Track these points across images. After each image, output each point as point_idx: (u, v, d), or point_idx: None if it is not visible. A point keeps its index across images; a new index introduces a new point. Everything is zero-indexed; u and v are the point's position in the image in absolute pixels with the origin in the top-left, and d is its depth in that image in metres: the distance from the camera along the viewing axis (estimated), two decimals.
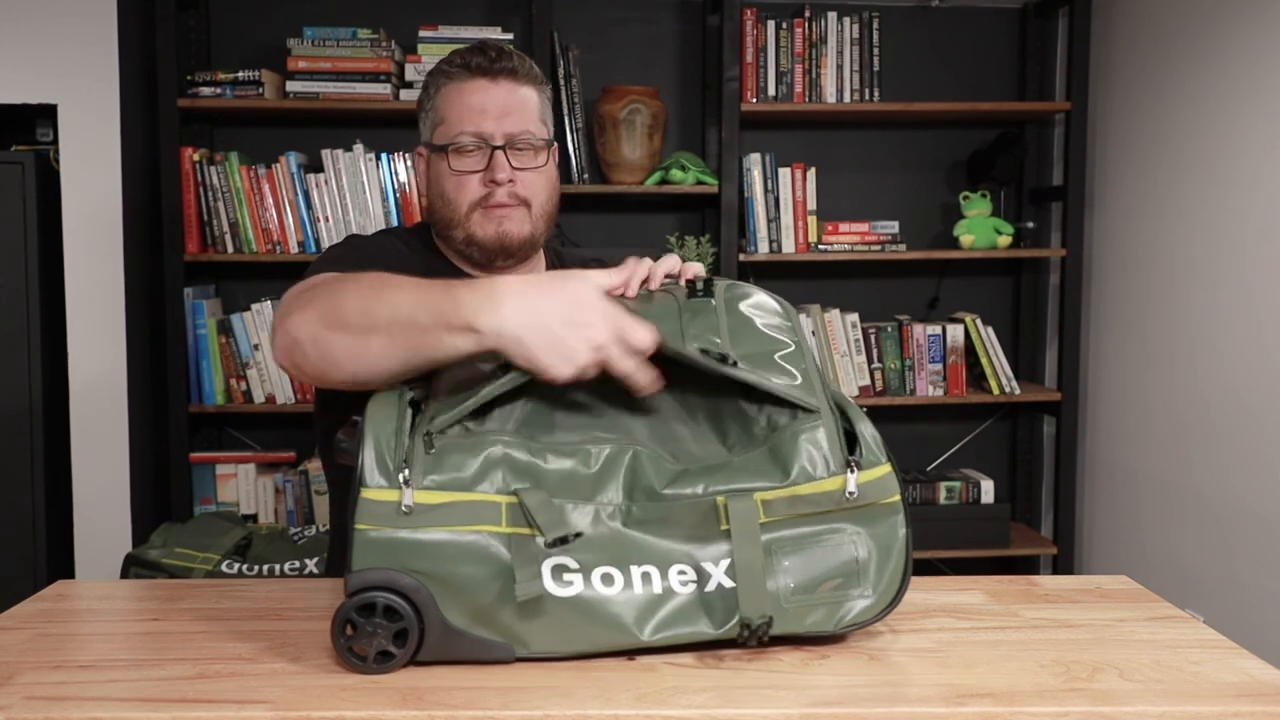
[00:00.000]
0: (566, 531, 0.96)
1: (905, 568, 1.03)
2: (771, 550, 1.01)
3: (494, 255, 1.44)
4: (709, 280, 1.09)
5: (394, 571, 0.96)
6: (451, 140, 1.41)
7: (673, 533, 1.00)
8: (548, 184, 1.46)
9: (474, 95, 1.41)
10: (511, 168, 1.41)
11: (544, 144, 1.44)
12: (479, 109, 1.40)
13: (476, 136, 1.40)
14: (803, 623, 1.01)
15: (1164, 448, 2.86)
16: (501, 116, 1.41)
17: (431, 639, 0.97)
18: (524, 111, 1.42)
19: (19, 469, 2.83)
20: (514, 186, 1.41)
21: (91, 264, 2.87)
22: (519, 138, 1.41)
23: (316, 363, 1.09)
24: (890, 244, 3.15)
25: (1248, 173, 2.53)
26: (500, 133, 1.40)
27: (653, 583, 0.99)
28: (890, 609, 1.03)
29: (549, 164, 1.47)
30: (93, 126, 2.84)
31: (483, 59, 1.41)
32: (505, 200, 1.41)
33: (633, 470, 1.01)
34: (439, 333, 1.01)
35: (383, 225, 2.97)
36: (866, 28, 3.13)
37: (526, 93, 1.44)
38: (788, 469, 1.00)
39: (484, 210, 1.42)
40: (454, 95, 1.42)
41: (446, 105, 1.43)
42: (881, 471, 1.02)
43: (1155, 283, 2.89)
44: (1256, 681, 0.96)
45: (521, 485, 0.98)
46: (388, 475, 0.97)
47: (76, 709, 0.90)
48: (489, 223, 1.42)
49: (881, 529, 1.03)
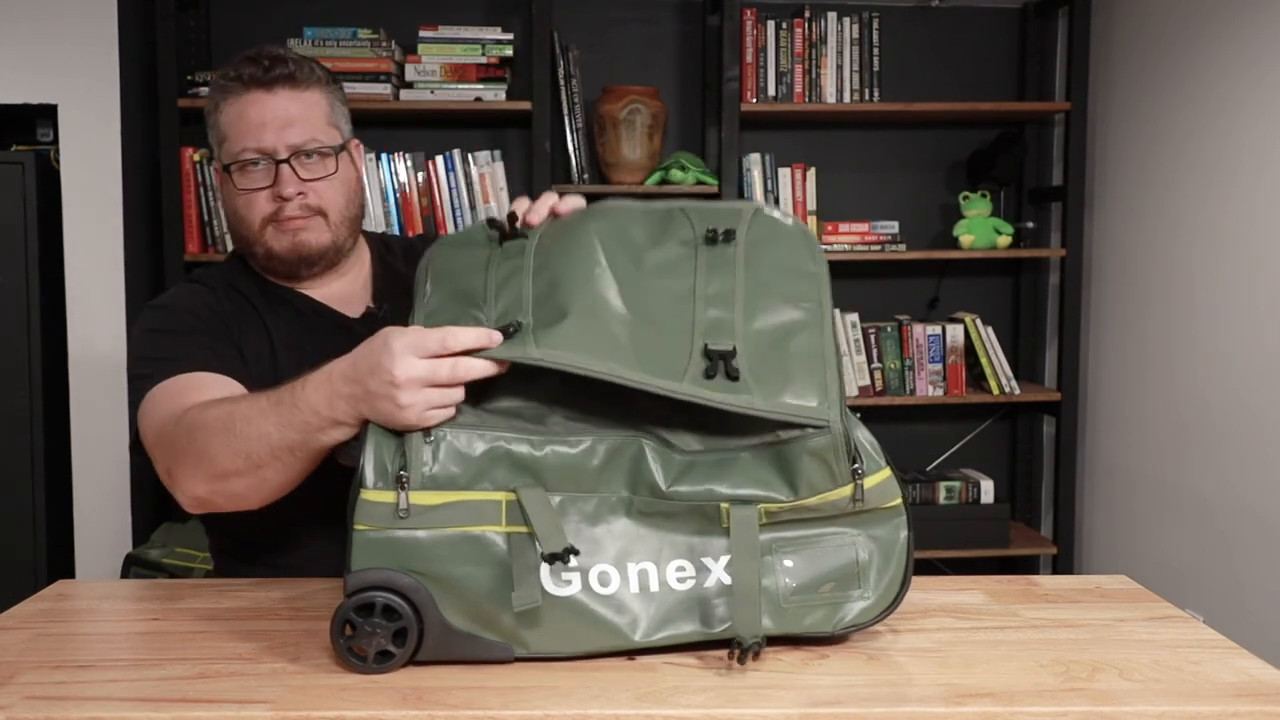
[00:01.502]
0: (561, 546, 0.95)
1: (906, 570, 1.03)
2: (772, 549, 1.00)
3: (294, 267, 1.40)
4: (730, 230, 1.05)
5: (393, 571, 0.96)
6: (234, 159, 1.35)
7: (674, 528, 1.00)
8: (344, 189, 1.40)
9: (251, 108, 1.34)
10: (300, 179, 1.35)
11: (334, 149, 1.38)
12: (258, 123, 1.34)
13: (259, 152, 1.34)
14: (801, 623, 1.00)
15: (1164, 447, 2.86)
16: (283, 128, 1.34)
17: (431, 639, 0.97)
18: (308, 119, 1.36)
19: (19, 469, 2.83)
20: (305, 198, 1.36)
21: (92, 264, 2.87)
22: (303, 147, 1.35)
23: (232, 505, 1.18)
24: (890, 244, 3.15)
25: (1248, 173, 2.53)
26: (283, 145, 1.34)
27: (650, 581, 0.99)
28: (889, 611, 1.03)
29: (344, 168, 1.40)
30: (93, 126, 2.84)
31: (255, 69, 1.34)
32: (297, 213, 1.36)
33: (637, 464, 1.00)
34: (315, 437, 1.06)
35: (383, 225, 2.98)
36: (866, 28, 3.13)
37: (310, 97, 1.37)
38: (794, 484, 0.99)
39: (276, 225, 1.36)
40: (232, 110, 1.36)
41: (227, 122, 1.36)
42: (881, 477, 1.02)
43: (1155, 283, 2.89)
44: (1256, 681, 0.96)
45: (523, 481, 0.98)
46: (385, 477, 0.97)
47: (76, 709, 0.90)
48: (283, 236, 1.37)
49: (882, 531, 1.03)
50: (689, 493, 0.99)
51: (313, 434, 1.06)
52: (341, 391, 1.03)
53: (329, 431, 1.06)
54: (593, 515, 0.99)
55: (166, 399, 1.24)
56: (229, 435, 1.12)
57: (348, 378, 1.02)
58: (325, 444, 1.07)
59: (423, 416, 0.98)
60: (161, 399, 1.25)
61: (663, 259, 1.05)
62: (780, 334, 1.02)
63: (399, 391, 0.97)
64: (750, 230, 1.06)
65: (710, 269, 1.04)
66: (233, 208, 1.39)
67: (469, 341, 0.98)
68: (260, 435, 1.10)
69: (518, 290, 1.03)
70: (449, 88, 2.97)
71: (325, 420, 1.05)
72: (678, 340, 1.00)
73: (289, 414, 1.07)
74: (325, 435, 1.06)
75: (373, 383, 0.99)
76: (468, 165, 3.01)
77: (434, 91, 2.97)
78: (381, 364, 0.99)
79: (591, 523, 0.99)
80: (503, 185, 3.03)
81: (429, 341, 0.98)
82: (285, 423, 1.08)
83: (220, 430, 1.12)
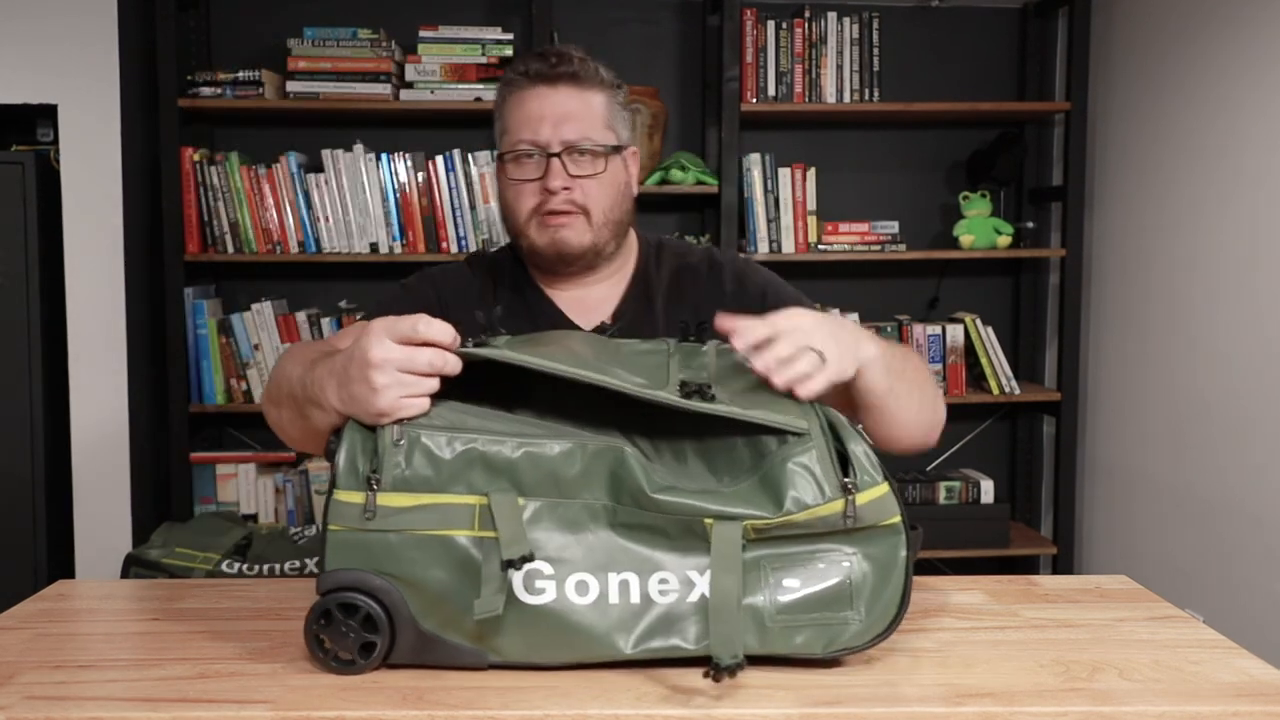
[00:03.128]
0: (522, 552, 0.93)
1: (904, 592, 0.98)
2: (760, 566, 0.97)
3: (553, 264, 1.43)
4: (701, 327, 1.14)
5: (365, 573, 0.96)
6: (510, 149, 1.40)
7: (657, 540, 0.97)
8: (612, 191, 1.43)
9: (532, 102, 1.39)
10: (569, 175, 1.39)
11: (606, 149, 1.41)
12: (536, 116, 1.39)
13: (533, 144, 1.39)
14: (790, 643, 0.96)
15: (1164, 447, 2.86)
16: (559, 123, 1.38)
17: (404, 642, 0.96)
18: (585, 117, 1.40)
19: (19, 469, 2.83)
20: (570, 194, 1.39)
21: (92, 264, 2.87)
22: (577, 144, 1.39)
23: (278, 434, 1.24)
24: (890, 244, 3.15)
25: (1248, 172, 2.53)
26: (557, 139, 1.38)
27: (630, 592, 0.96)
28: (885, 635, 0.98)
29: (614, 170, 1.43)
30: (93, 126, 2.84)
31: (542, 64, 1.40)
32: (561, 208, 1.39)
33: (621, 472, 0.97)
34: (309, 408, 1.08)
35: (382, 225, 2.98)
36: (866, 28, 3.13)
37: (590, 97, 1.41)
38: (780, 499, 0.96)
39: (540, 218, 1.40)
40: (515, 103, 1.41)
41: (509, 114, 1.42)
42: (879, 492, 0.97)
43: (1155, 283, 2.89)
44: (1256, 681, 0.96)
45: (497, 486, 0.96)
46: (357, 477, 0.96)
47: (76, 709, 0.90)
48: (545, 231, 1.40)
49: (879, 550, 0.98)
50: (673, 504, 0.96)
51: (310, 404, 1.08)
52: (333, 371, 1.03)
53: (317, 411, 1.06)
54: (572, 522, 0.97)
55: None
56: (285, 365, 1.20)
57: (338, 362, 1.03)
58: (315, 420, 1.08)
59: (395, 404, 0.97)
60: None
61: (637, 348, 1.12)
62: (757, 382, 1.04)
63: (374, 372, 0.97)
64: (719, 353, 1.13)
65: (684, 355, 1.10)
66: (505, 199, 1.44)
67: (438, 333, 0.99)
68: (288, 377, 1.15)
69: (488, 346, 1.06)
70: (449, 88, 2.97)
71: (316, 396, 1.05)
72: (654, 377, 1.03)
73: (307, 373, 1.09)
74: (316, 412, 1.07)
75: (352, 367, 1.00)
76: (468, 165, 3.01)
77: (434, 91, 2.97)
78: (360, 344, 0.99)
79: (571, 529, 0.97)
80: None
81: (402, 325, 0.99)
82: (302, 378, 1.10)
83: (288, 359, 1.21)
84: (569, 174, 1.39)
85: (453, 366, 0.99)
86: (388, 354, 0.97)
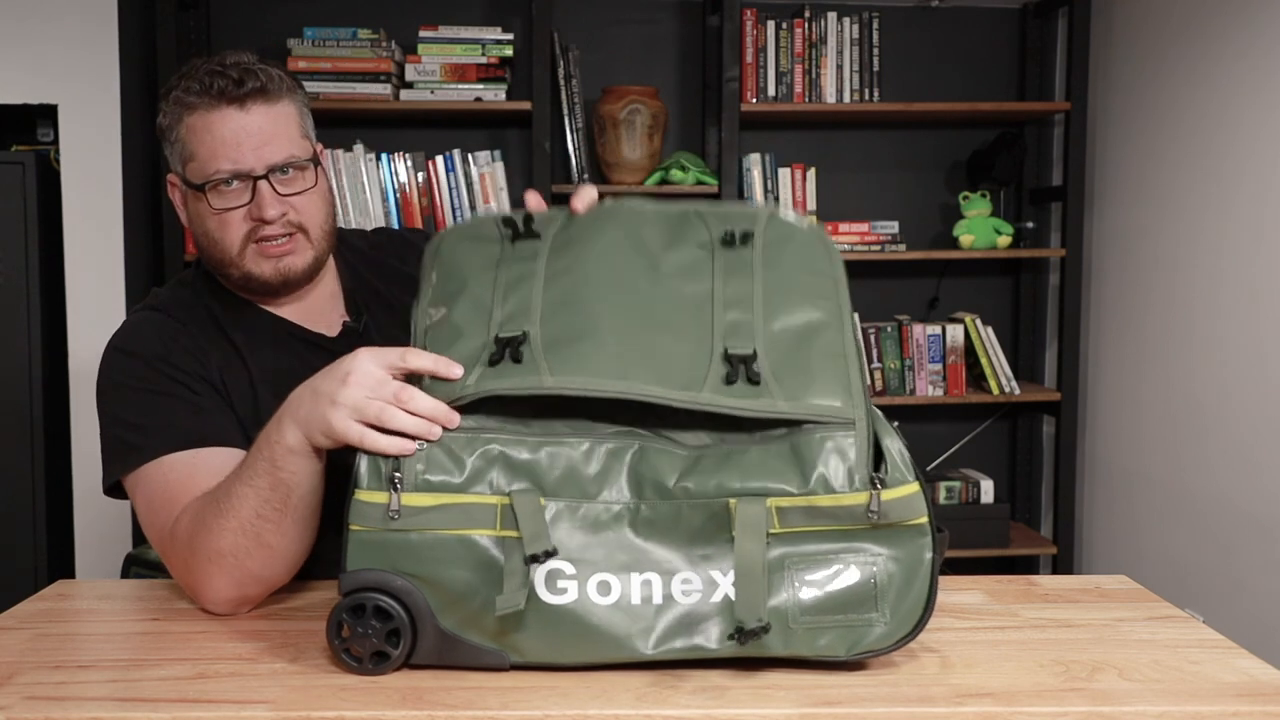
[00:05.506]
0: (545, 547, 0.93)
1: (930, 595, 0.97)
2: (784, 565, 0.96)
3: (278, 290, 1.33)
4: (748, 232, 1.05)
5: (387, 573, 0.95)
6: (208, 179, 1.26)
7: (681, 538, 0.96)
8: (323, 202, 1.33)
9: (222, 126, 1.25)
10: (280, 196, 1.27)
11: (309, 161, 1.31)
12: (232, 142, 1.25)
13: (234, 173, 1.25)
14: (813, 645, 0.95)
15: (1163, 447, 2.86)
16: (259, 146, 1.25)
17: (425, 642, 0.96)
18: (283, 134, 1.28)
19: (19, 469, 2.83)
20: (286, 216, 1.28)
21: (92, 264, 2.87)
22: (282, 165, 1.27)
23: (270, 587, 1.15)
24: (890, 244, 3.15)
25: (1248, 172, 2.53)
26: (260, 164, 1.25)
27: (653, 592, 0.95)
28: (910, 638, 0.97)
29: (320, 180, 1.33)
30: (93, 126, 2.84)
31: (226, 82, 1.25)
32: (279, 232, 1.28)
33: (640, 465, 0.97)
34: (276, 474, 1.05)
35: (382, 225, 2.97)
36: (866, 28, 3.13)
37: (281, 110, 1.28)
38: (807, 474, 0.95)
39: (257, 246, 1.28)
40: (201, 128, 1.26)
41: (195, 139, 1.26)
42: (908, 490, 0.96)
43: (1155, 283, 2.89)
44: (1256, 681, 0.96)
45: (519, 485, 0.96)
46: (379, 477, 0.96)
47: (76, 709, 0.90)
48: (266, 261, 1.29)
49: (905, 552, 0.97)
50: (697, 489, 0.95)
51: (274, 470, 1.05)
52: (290, 409, 1.02)
53: (287, 462, 1.04)
54: (594, 522, 0.96)
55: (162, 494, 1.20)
56: (218, 519, 1.09)
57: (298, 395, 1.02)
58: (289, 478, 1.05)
59: (347, 426, 0.97)
60: (157, 493, 1.21)
61: (679, 262, 1.04)
62: (801, 334, 1.00)
63: (343, 389, 0.98)
64: (767, 233, 1.05)
65: (728, 272, 1.03)
66: (205, 229, 1.30)
67: (426, 365, 0.98)
68: (240, 498, 1.08)
69: (526, 297, 1.01)
70: (449, 88, 2.97)
71: (280, 449, 1.04)
72: (696, 347, 0.98)
73: (251, 461, 1.07)
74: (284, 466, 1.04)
75: (325, 383, 1.00)
76: (468, 165, 3.01)
77: (434, 91, 2.97)
78: (342, 364, 1.00)
79: (593, 529, 0.96)
80: (503, 185, 3.03)
81: (390, 355, 0.99)
82: (251, 471, 1.07)
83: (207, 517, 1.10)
84: (280, 195, 1.27)
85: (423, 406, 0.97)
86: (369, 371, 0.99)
